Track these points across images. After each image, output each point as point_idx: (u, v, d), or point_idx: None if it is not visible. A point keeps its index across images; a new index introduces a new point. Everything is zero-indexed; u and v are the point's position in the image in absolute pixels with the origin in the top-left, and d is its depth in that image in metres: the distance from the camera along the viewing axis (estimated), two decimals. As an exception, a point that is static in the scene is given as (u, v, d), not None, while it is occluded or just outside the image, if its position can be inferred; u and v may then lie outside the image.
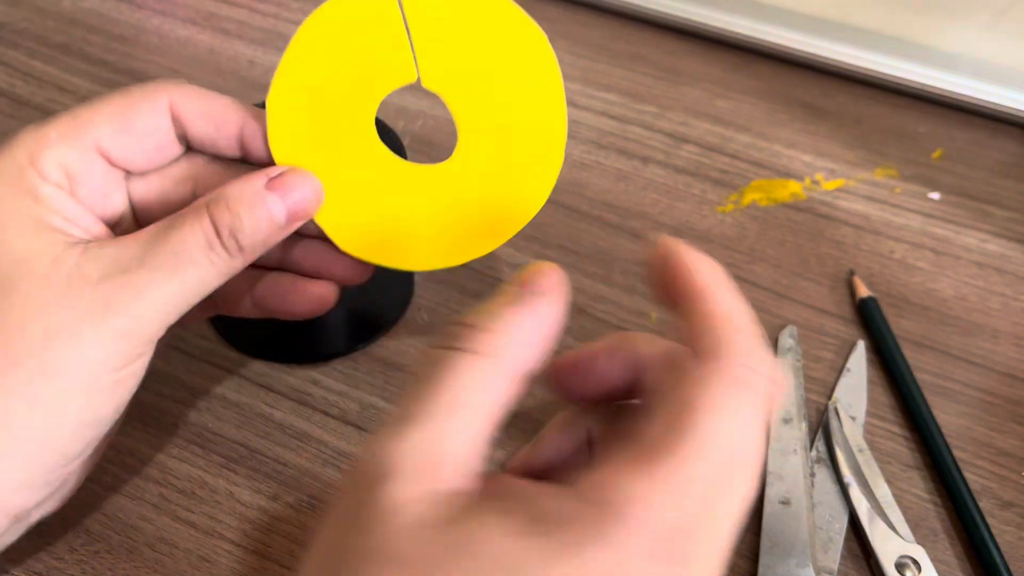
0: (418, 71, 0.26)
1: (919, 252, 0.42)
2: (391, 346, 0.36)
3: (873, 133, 0.48)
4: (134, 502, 0.31)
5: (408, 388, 0.20)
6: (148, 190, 0.28)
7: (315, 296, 0.29)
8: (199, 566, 0.30)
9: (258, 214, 0.25)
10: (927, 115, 0.49)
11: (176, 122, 0.27)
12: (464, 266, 0.30)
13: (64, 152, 0.25)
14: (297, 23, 0.26)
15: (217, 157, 0.28)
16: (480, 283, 0.38)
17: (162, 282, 0.24)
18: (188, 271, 0.24)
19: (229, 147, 0.27)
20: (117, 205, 0.27)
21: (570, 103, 0.49)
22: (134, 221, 0.28)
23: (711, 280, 0.22)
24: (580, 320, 0.37)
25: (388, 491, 0.18)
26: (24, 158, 0.25)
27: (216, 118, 0.27)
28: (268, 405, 0.34)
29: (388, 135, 0.35)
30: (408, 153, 0.34)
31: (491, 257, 0.39)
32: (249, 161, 0.28)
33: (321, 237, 0.29)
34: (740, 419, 0.19)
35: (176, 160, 0.28)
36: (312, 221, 0.27)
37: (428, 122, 0.47)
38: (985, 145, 0.48)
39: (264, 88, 0.27)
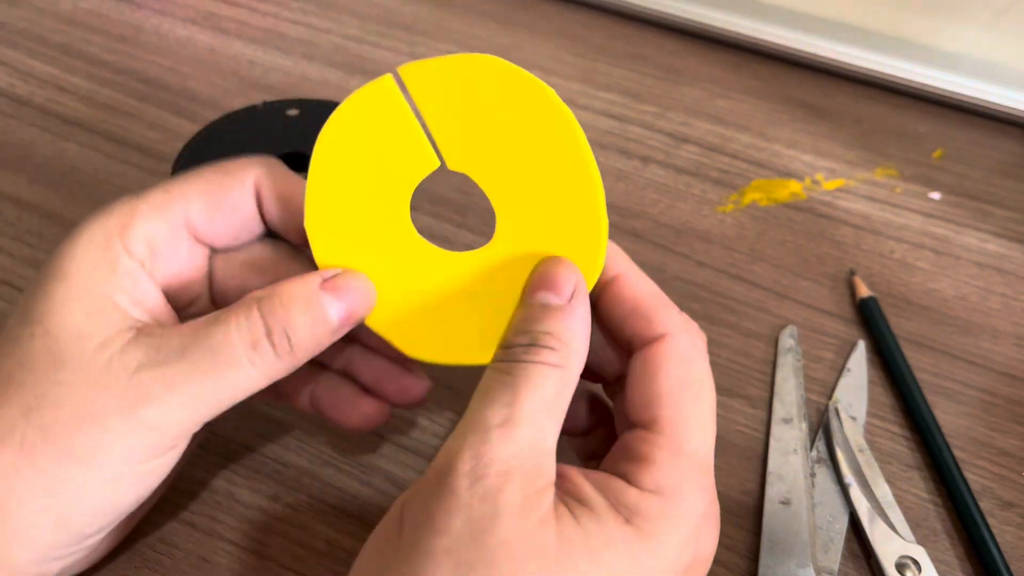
0: (440, 157, 0.25)
1: (919, 252, 0.42)
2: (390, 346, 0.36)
3: (873, 133, 0.48)
4: (134, 502, 0.31)
5: (491, 395, 0.22)
6: (229, 274, 0.27)
7: (364, 414, 0.29)
8: (199, 566, 0.30)
9: (314, 314, 0.24)
10: (927, 115, 0.49)
11: (257, 201, 0.27)
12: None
13: (153, 226, 0.25)
14: (296, 23, 0.26)
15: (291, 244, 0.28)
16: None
17: (197, 379, 0.23)
18: (226, 371, 0.23)
19: (297, 234, 0.26)
20: (195, 284, 0.27)
21: (570, 103, 0.49)
22: (211, 304, 0.28)
23: (624, 267, 0.26)
24: (580, 320, 0.37)
25: (512, 489, 0.20)
26: (115, 229, 0.25)
27: (289, 202, 0.26)
28: (268, 405, 0.34)
29: None
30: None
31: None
32: None
33: (383, 352, 0.28)
34: (707, 391, 0.24)
35: (258, 244, 0.28)
36: (370, 331, 0.26)
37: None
38: (985, 145, 0.48)
39: (264, 88, 0.27)
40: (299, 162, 0.34)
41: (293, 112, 0.36)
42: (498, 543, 0.20)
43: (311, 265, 0.26)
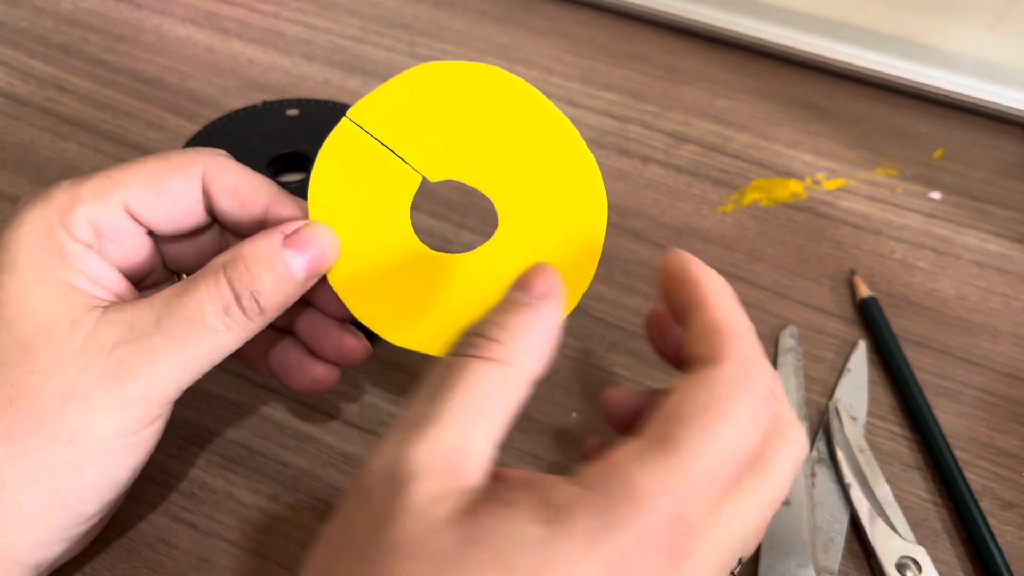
0: (420, 173, 0.26)
1: (920, 252, 0.42)
2: (391, 346, 0.36)
3: (874, 133, 0.48)
4: (133, 502, 0.31)
5: (424, 391, 0.21)
6: (183, 252, 0.28)
7: (311, 379, 0.29)
8: (199, 567, 0.29)
9: (279, 272, 0.25)
10: (928, 115, 0.49)
11: (205, 193, 0.27)
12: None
13: (94, 210, 0.25)
14: (296, 22, 0.26)
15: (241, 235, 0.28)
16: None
17: (176, 348, 0.24)
18: (203, 337, 0.24)
19: (251, 227, 0.27)
20: (147, 262, 0.27)
21: (570, 102, 0.49)
22: (167, 275, 0.28)
23: (716, 291, 0.24)
24: (580, 320, 0.37)
25: (416, 489, 0.19)
26: (55, 215, 0.25)
27: (243, 196, 0.27)
28: (268, 405, 0.34)
29: None
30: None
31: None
32: None
33: (327, 312, 0.29)
34: (738, 421, 0.20)
35: (208, 230, 0.28)
36: (320, 290, 0.27)
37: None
38: (986, 145, 0.48)
39: (264, 88, 0.27)
40: (299, 162, 0.34)
41: (293, 112, 0.36)
42: (392, 543, 0.19)
43: None
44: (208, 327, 0.24)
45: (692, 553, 0.19)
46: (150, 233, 0.27)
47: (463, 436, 0.20)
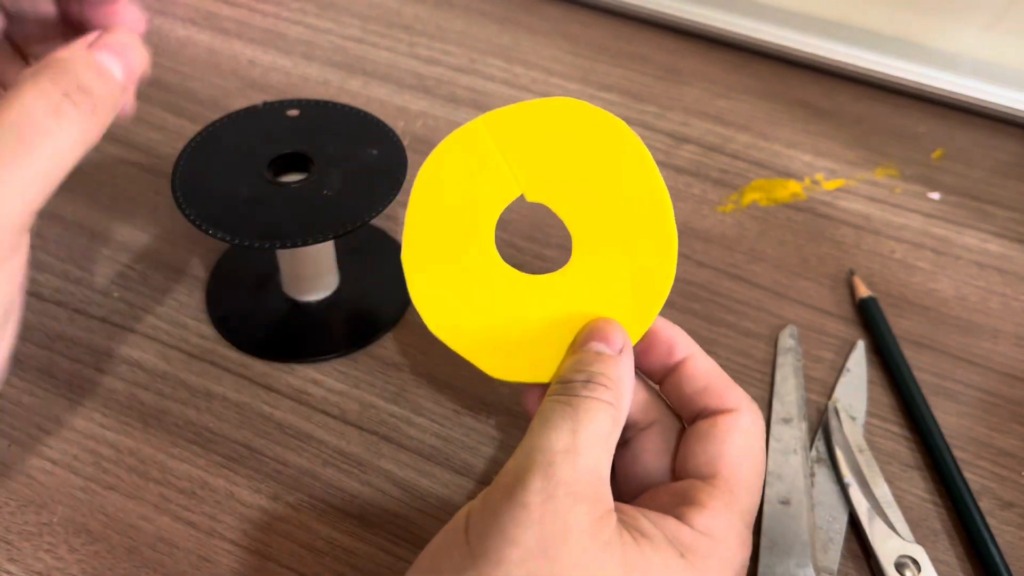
0: (521, 189, 0.27)
1: (919, 252, 0.42)
2: (391, 346, 0.36)
3: (873, 133, 0.48)
4: (134, 502, 0.31)
5: (555, 422, 0.24)
6: None
7: None
8: (199, 566, 0.30)
9: (97, 68, 0.24)
10: (927, 115, 0.49)
11: None
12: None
13: None
14: (296, 23, 0.26)
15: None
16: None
17: (14, 161, 0.22)
18: (38, 143, 0.22)
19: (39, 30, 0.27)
20: None
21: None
22: None
23: (693, 346, 0.28)
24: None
25: (581, 512, 0.22)
26: None
27: None
28: (268, 405, 0.34)
29: (388, 135, 0.35)
30: (408, 153, 0.35)
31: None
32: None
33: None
34: (760, 453, 0.26)
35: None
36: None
37: (428, 122, 0.47)
38: (985, 145, 0.48)
39: (264, 88, 0.27)
40: (300, 162, 0.34)
41: (293, 112, 0.36)
42: (569, 559, 0.21)
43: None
44: (41, 130, 0.22)
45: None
46: None
47: (600, 465, 0.23)
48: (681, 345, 0.28)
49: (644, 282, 0.27)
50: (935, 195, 0.45)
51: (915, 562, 0.29)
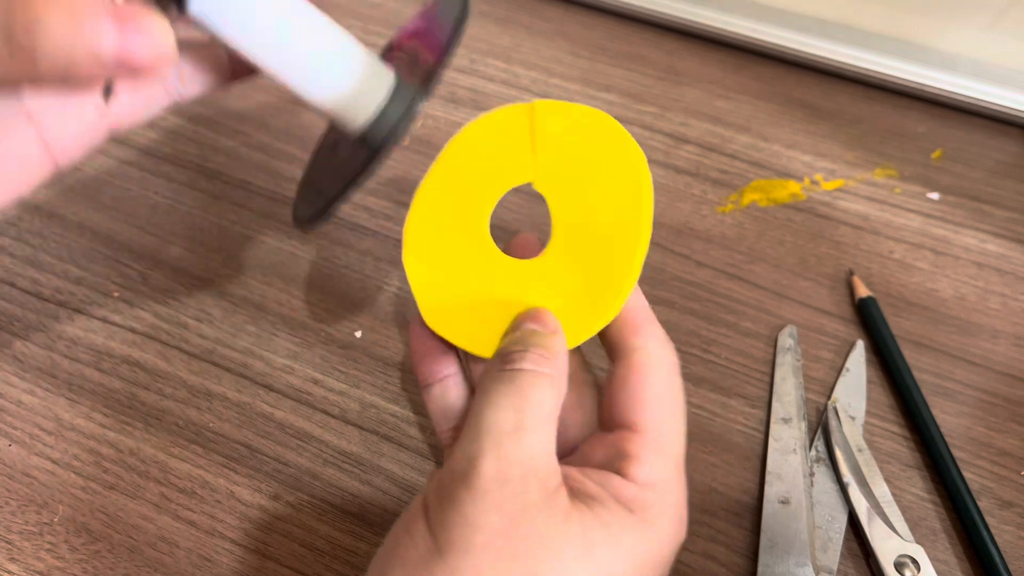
0: (533, 176, 0.28)
1: (918, 252, 0.42)
2: (391, 346, 0.37)
3: (873, 133, 0.48)
4: (135, 501, 0.31)
5: (502, 399, 0.24)
6: None
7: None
8: (200, 565, 0.30)
9: (75, 21, 0.20)
10: (927, 115, 0.49)
11: None
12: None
13: None
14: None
15: None
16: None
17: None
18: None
19: None
20: None
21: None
22: None
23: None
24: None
25: (534, 489, 0.22)
26: None
27: None
28: (268, 405, 0.34)
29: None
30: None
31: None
32: None
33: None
34: (677, 393, 0.26)
35: None
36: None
37: (428, 122, 0.47)
38: (985, 145, 0.48)
39: (263, 88, 0.27)
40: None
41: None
42: (534, 535, 0.22)
43: None
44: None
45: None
46: None
47: (545, 440, 0.24)
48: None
49: (607, 281, 0.27)
50: (934, 195, 0.45)
51: (914, 562, 0.29)
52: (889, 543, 0.30)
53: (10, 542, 0.30)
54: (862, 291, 0.39)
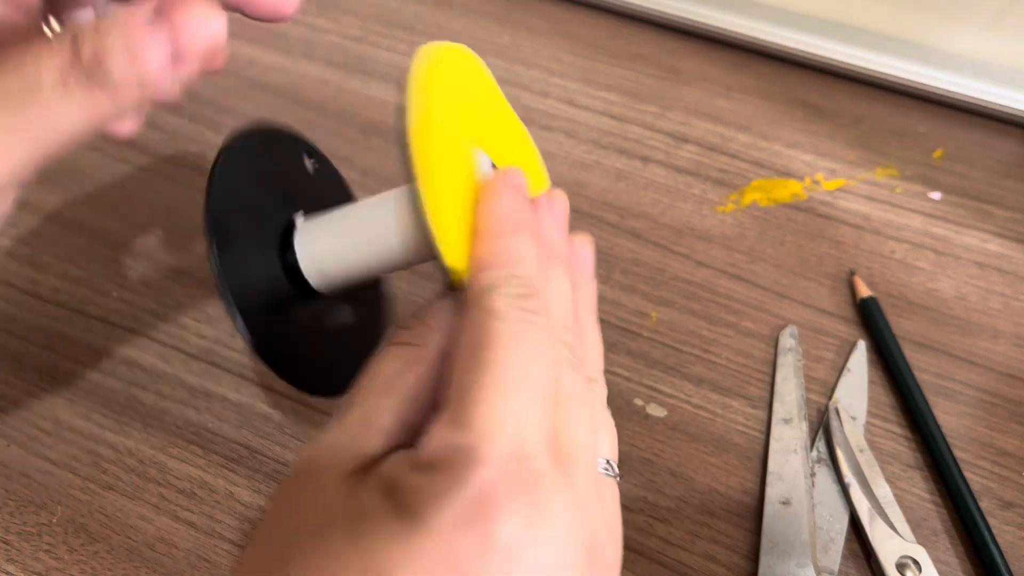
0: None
1: (920, 252, 0.42)
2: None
3: (873, 133, 0.48)
4: (134, 502, 0.31)
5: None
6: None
7: None
8: (199, 566, 0.30)
9: (130, 41, 0.20)
10: (928, 115, 0.49)
11: None
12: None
13: None
14: (296, 22, 0.26)
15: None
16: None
17: (5, 117, 0.20)
18: (36, 107, 0.20)
19: None
20: None
21: (570, 103, 0.50)
22: None
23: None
24: (580, 320, 0.37)
25: (314, 471, 0.20)
26: None
27: None
28: (268, 405, 0.34)
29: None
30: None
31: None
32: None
33: None
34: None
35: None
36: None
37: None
38: (986, 145, 0.48)
39: (264, 87, 0.27)
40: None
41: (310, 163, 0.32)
42: (295, 523, 0.20)
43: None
44: (43, 92, 0.20)
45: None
46: None
47: (366, 416, 0.21)
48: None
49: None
50: (935, 195, 0.45)
51: (916, 562, 0.29)
52: (890, 544, 0.30)
53: (8, 543, 0.30)
54: (863, 291, 0.39)
